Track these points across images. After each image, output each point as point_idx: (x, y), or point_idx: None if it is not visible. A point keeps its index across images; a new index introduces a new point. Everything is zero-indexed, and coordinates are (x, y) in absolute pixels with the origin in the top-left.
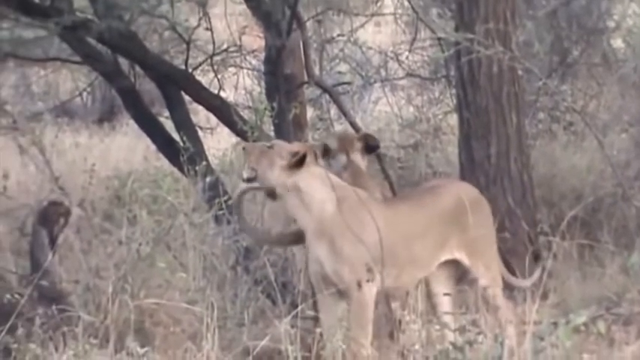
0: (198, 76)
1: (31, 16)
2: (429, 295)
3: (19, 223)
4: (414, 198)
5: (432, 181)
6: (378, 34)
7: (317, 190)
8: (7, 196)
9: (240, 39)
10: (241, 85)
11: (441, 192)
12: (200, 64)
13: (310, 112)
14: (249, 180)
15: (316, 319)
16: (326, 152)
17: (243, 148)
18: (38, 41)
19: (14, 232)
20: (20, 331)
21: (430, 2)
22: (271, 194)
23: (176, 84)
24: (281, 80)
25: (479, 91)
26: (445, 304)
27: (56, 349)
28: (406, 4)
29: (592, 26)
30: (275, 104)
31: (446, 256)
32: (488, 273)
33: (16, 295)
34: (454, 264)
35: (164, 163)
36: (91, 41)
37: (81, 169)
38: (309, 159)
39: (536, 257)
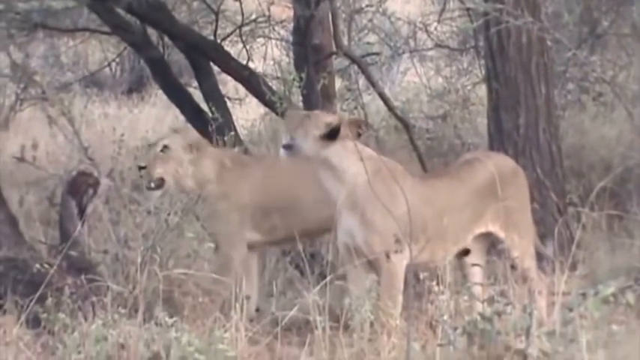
0: (227, 46)
1: None
2: (460, 266)
3: (49, 193)
4: (450, 173)
5: (469, 154)
6: (407, 5)
7: (349, 162)
8: (37, 167)
9: (268, 9)
10: (270, 56)
11: (478, 165)
12: (229, 35)
13: (339, 83)
14: (286, 147)
15: (345, 290)
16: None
17: (285, 115)
18: (67, 12)
19: (43, 202)
20: (49, 300)
21: None
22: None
23: (205, 54)
24: (309, 51)
25: (508, 61)
26: (475, 274)
27: (85, 318)
28: None
29: None
30: (303, 75)
31: (480, 230)
32: (522, 244)
33: (46, 265)
34: (485, 235)
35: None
36: (120, 12)
37: (110, 140)
38: (342, 132)
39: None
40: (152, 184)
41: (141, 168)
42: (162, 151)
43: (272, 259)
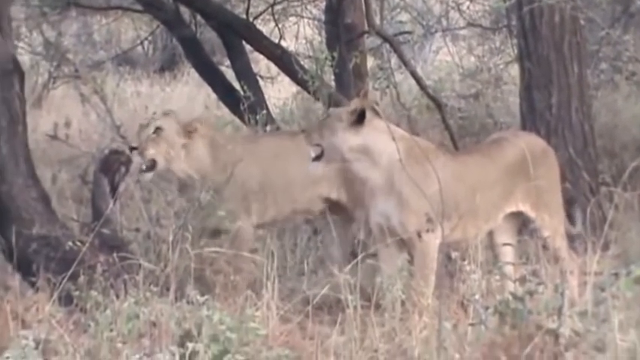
0: (259, 25)
1: None
2: (491, 246)
3: (81, 171)
4: (480, 150)
5: (499, 133)
6: None
7: (382, 143)
8: (69, 145)
9: None
10: (302, 35)
11: (508, 144)
12: (261, 14)
13: (371, 62)
14: (317, 158)
15: (376, 269)
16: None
17: (303, 132)
18: None
19: (76, 180)
20: (82, 278)
21: None
22: None
23: (237, 33)
24: (342, 29)
25: (540, 40)
26: (507, 254)
27: (117, 296)
28: None
29: None
30: (335, 54)
31: (511, 208)
32: (552, 224)
33: (78, 243)
34: (517, 214)
35: (225, 111)
36: None
37: (142, 118)
38: (369, 114)
39: None
40: (144, 167)
41: (132, 149)
42: (154, 132)
43: (303, 238)
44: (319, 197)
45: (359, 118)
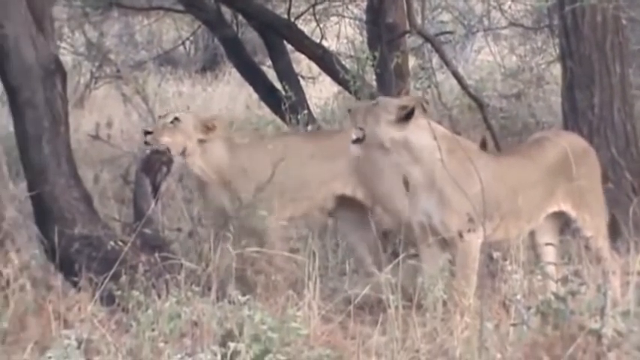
0: (301, 25)
1: None
2: (533, 246)
3: (123, 171)
4: (522, 151)
5: (540, 133)
6: None
7: (427, 141)
8: (111, 144)
9: None
10: (343, 34)
11: (548, 144)
12: (302, 13)
13: (412, 62)
14: (357, 140)
15: (418, 269)
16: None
17: (349, 111)
18: None
19: (118, 180)
20: (123, 278)
21: None
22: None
23: (278, 33)
24: (383, 29)
25: (582, 40)
26: (548, 254)
27: (159, 296)
28: None
29: None
30: (377, 53)
31: (552, 208)
32: (594, 224)
33: (120, 243)
34: (558, 214)
35: (266, 111)
36: None
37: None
38: (417, 111)
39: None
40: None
41: (147, 133)
42: (172, 122)
43: (345, 238)
44: (333, 194)
45: (407, 115)
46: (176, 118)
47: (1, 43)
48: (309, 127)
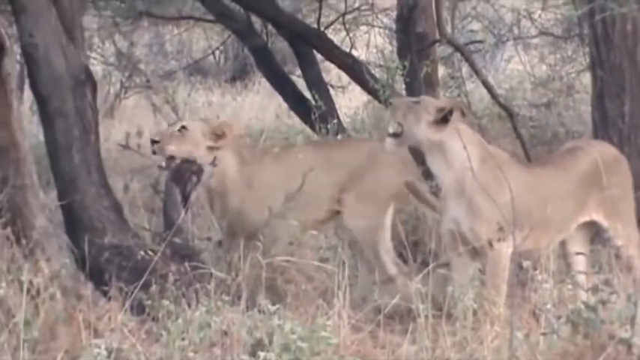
0: (330, 34)
1: None
2: (563, 255)
3: (153, 180)
4: (553, 161)
5: (571, 142)
6: None
7: (460, 147)
8: (141, 154)
9: None
10: (373, 44)
11: (580, 154)
12: (332, 23)
13: (442, 71)
14: (394, 135)
15: (448, 278)
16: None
17: (390, 103)
18: (172, 0)
19: (148, 189)
20: (154, 287)
21: None
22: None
23: (308, 42)
24: (413, 38)
25: (613, 49)
26: (579, 263)
27: (189, 305)
28: None
29: None
30: (407, 63)
31: (584, 218)
32: (625, 232)
33: (150, 252)
34: (589, 223)
35: (296, 121)
36: (225, 0)
37: None
38: (455, 115)
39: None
40: (163, 163)
41: (154, 142)
42: (179, 130)
43: None
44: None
45: (444, 118)
46: (183, 127)
47: (31, 52)
48: (339, 137)
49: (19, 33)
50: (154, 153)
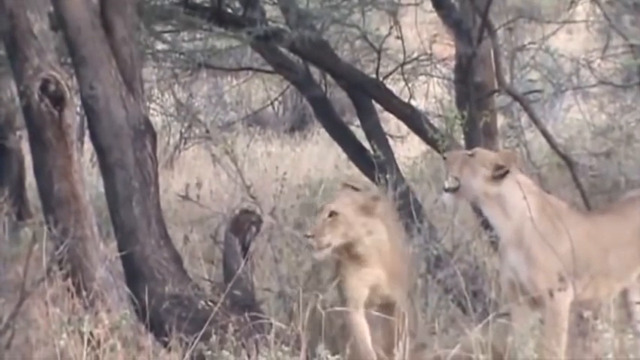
0: (389, 84)
1: (224, 27)
2: (624, 304)
3: (212, 231)
4: (613, 210)
5: (632, 191)
6: (570, 42)
7: (519, 198)
8: (201, 205)
9: (430, 47)
10: (432, 94)
11: None
12: (391, 73)
13: (501, 120)
14: (450, 190)
15: (508, 328)
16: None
17: (445, 158)
18: (231, 51)
19: (207, 240)
20: (214, 338)
21: (623, 9)
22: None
23: (367, 92)
24: (471, 88)
25: None
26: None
27: (249, 356)
28: (598, 11)
29: None
30: (465, 112)
31: None
32: None
33: (210, 303)
34: None
35: (355, 171)
36: (283, 50)
37: (272, 178)
38: (513, 167)
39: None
40: (322, 254)
41: (308, 237)
42: (330, 216)
43: (434, 297)
44: None
45: (502, 174)
46: (333, 212)
47: (91, 104)
48: (398, 188)
49: (79, 84)
50: (310, 246)
